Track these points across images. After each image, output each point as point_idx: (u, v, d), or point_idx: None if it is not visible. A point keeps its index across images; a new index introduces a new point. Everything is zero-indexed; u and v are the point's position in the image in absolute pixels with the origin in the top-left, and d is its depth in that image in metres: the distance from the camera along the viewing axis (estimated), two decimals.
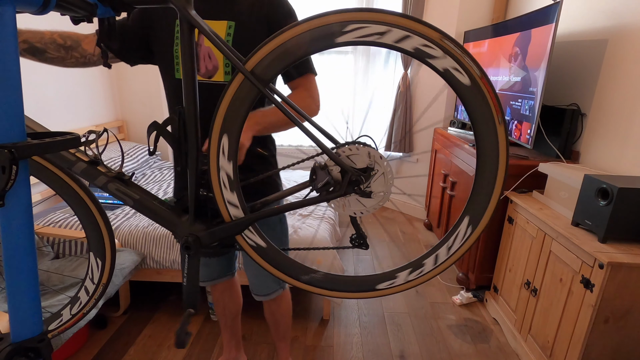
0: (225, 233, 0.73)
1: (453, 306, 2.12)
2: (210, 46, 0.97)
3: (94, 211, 0.85)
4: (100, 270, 0.90)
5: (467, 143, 2.27)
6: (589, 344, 1.32)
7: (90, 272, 0.90)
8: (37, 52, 0.93)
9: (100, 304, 1.55)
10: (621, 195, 1.26)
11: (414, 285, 0.73)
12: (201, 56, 0.97)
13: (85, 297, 0.92)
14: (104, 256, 0.89)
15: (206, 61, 0.97)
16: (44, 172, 0.78)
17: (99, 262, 0.89)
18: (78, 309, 0.92)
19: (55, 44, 0.94)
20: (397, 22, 0.57)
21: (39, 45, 0.92)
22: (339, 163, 0.66)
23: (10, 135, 0.51)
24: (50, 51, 0.94)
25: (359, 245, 0.74)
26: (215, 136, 0.66)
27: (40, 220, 1.96)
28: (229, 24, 0.97)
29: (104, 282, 0.90)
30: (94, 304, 0.92)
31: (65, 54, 0.96)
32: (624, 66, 1.66)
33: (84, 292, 0.92)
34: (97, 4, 0.61)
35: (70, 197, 0.82)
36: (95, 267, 0.89)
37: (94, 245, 0.88)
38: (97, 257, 0.89)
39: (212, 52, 0.97)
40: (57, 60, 0.96)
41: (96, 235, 0.87)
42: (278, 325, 1.46)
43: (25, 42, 0.91)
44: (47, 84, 2.26)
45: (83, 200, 0.83)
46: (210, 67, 0.98)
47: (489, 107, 0.59)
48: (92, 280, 0.90)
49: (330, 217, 2.19)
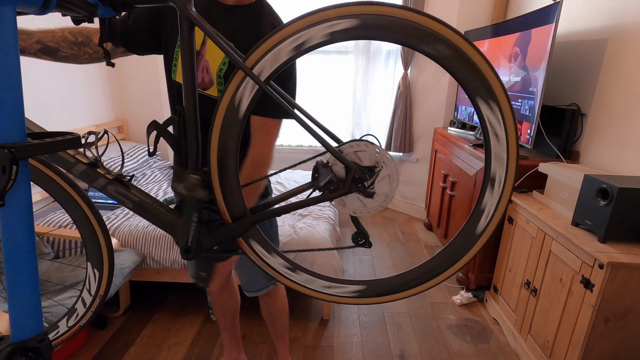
0: (226, 235, 0.73)
1: (453, 306, 2.12)
2: (209, 60, 0.97)
3: (92, 220, 0.82)
4: (98, 282, 0.86)
5: (467, 143, 2.27)
6: (589, 344, 1.32)
7: (88, 283, 0.86)
8: (51, 52, 0.93)
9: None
10: (621, 195, 1.26)
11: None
12: (200, 67, 0.97)
13: (82, 309, 0.88)
14: (101, 267, 0.85)
15: (203, 73, 0.98)
16: (41, 177, 0.76)
17: (97, 273, 0.85)
18: (75, 321, 0.89)
19: (67, 42, 0.94)
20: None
21: (52, 44, 0.93)
22: (341, 159, 0.65)
23: (10, 135, 0.51)
24: (63, 49, 0.94)
25: (361, 244, 0.73)
26: (215, 136, 0.66)
27: (40, 220, 1.96)
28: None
29: (102, 294, 0.87)
30: (91, 317, 0.89)
31: (78, 51, 0.96)
32: (624, 66, 1.66)
33: (81, 303, 0.88)
34: (97, 4, 0.61)
35: (67, 204, 0.80)
36: (93, 278, 0.86)
37: (91, 255, 0.85)
38: (94, 268, 0.85)
39: (209, 67, 0.97)
40: (71, 57, 0.96)
41: (94, 245, 0.84)
42: (275, 322, 1.46)
43: (38, 42, 0.91)
44: (47, 84, 2.26)
45: (81, 208, 0.80)
46: (206, 80, 0.99)
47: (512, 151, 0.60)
48: (89, 292, 0.87)
49: (330, 217, 2.19)
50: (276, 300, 1.41)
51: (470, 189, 2.17)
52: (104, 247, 0.84)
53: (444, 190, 2.62)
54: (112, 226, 1.92)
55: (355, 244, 0.74)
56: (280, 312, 1.45)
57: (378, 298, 0.73)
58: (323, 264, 1.84)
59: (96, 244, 0.84)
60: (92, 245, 0.84)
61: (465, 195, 2.26)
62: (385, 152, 0.66)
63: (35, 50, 0.91)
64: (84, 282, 0.87)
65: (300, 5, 3.01)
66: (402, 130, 3.17)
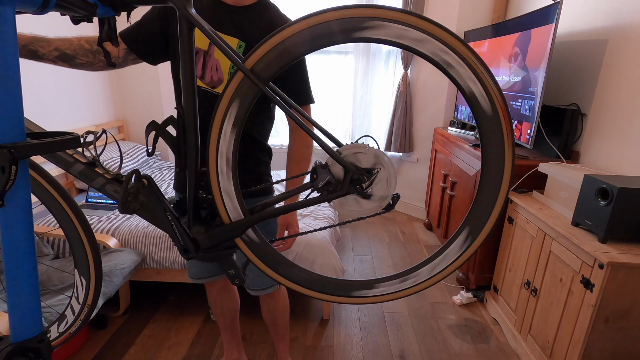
0: (225, 236, 0.73)
1: (453, 306, 2.12)
2: (219, 59, 0.99)
3: (78, 228, 0.80)
4: (85, 291, 0.84)
5: (467, 143, 2.27)
6: (589, 344, 1.32)
7: (76, 290, 0.85)
8: (68, 59, 0.97)
9: (100, 304, 1.55)
10: (621, 195, 1.25)
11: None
12: (209, 66, 1.00)
13: (71, 316, 0.87)
14: (88, 276, 0.83)
15: (212, 72, 1.00)
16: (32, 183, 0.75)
17: (84, 281, 0.84)
18: (65, 328, 0.87)
19: (83, 49, 0.98)
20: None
21: (69, 51, 0.96)
22: (340, 161, 0.65)
23: (10, 135, 0.51)
24: (80, 56, 0.98)
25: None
26: (215, 136, 0.66)
27: (40, 220, 1.96)
28: (239, 43, 1.00)
29: (89, 303, 0.85)
30: (80, 325, 0.87)
31: (93, 58, 0.99)
32: (624, 66, 1.66)
33: (70, 311, 0.87)
34: (97, 4, 0.61)
35: (53, 208, 0.78)
36: (80, 286, 0.84)
37: (79, 262, 0.83)
38: (81, 276, 0.83)
39: (219, 66, 1.00)
40: (86, 65, 1.00)
41: (81, 255, 0.82)
42: (276, 324, 1.46)
43: (56, 49, 0.95)
44: (47, 84, 2.26)
45: (67, 213, 0.79)
46: (215, 79, 1.01)
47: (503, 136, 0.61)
48: (77, 300, 0.86)
49: (330, 217, 2.19)
50: (278, 302, 1.40)
51: (471, 189, 2.17)
52: (91, 257, 0.82)
53: (444, 190, 2.62)
54: (112, 226, 1.92)
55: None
56: (282, 314, 1.44)
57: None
58: (323, 264, 1.84)
59: (83, 253, 0.82)
60: (80, 253, 0.82)
61: (465, 195, 2.25)
62: (384, 154, 0.66)
63: (53, 57, 0.95)
64: (73, 290, 0.86)
65: (300, 5, 3.01)
66: (402, 130, 3.17)
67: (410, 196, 3.40)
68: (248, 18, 1.02)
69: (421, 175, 3.28)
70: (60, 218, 0.80)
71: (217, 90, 1.02)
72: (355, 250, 2.72)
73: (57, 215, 0.79)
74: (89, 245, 0.82)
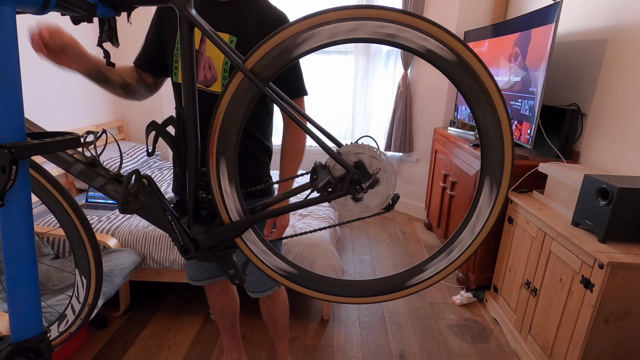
0: (225, 236, 0.73)
1: (453, 306, 2.12)
2: (211, 57, 0.98)
3: (79, 228, 0.80)
4: (86, 290, 0.84)
5: (467, 143, 2.27)
6: (589, 344, 1.32)
7: (76, 290, 0.85)
8: (128, 88, 1.07)
9: (100, 304, 1.55)
10: (621, 195, 1.25)
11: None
12: (201, 64, 0.99)
13: (72, 315, 0.87)
14: (89, 275, 0.83)
15: (205, 70, 0.99)
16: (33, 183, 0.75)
17: (84, 280, 0.84)
18: (65, 327, 0.87)
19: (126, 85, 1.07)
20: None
21: (128, 79, 1.06)
22: (340, 161, 0.65)
23: (10, 135, 0.51)
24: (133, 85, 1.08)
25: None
26: (215, 136, 0.66)
27: (40, 220, 1.96)
28: (231, 38, 0.99)
29: (89, 303, 0.85)
30: (80, 325, 0.87)
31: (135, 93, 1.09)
32: (624, 66, 1.66)
33: (70, 310, 0.87)
34: (97, 4, 0.61)
35: (55, 209, 0.78)
36: (81, 285, 0.84)
37: (79, 262, 0.83)
38: (82, 275, 0.83)
39: (212, 63, 0.99)
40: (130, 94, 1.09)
41: (82, 254, 0.82)
42: (276, 324, 1.46)
43: (120, 77, 1.05)
44: (47, 84, 2.26)
45: (68, 213, 0.79)
46: (209, 77, 1.00)
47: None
48: (77, 299, 0.85)
49: (330, 217, 2.19)
50: (277, 303, 1.40)
51: (470, 189, 2.17)
52: (91, 256, 0.82)
53: (444, 190, 2.62)
54: (112, 226, 1.92)
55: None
56: (282, 315, 1.44)
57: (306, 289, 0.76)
58: (323, 264, 1.84)
59: (83, 252, 0.82)
60: (80, 253, 0.82)
61: (465, 195, 2.25)
62: (384, 154, 0.66)
63: (117, 85, 1.05)
64: (73, 290, 0.86)
65: (300, 5, 3.01)
66: (402, 130, 3.17)
67: (410, 196, 3.40)
68: (238, 12, 1.00)
69: (421, 175, 3.28)
70: (61, 218, 0.79)
71: (212, 88, 1.01)
72: (355, 250, 2.72)
73: (58, 215, 0.79)
74: (89, 245, 0.82)
